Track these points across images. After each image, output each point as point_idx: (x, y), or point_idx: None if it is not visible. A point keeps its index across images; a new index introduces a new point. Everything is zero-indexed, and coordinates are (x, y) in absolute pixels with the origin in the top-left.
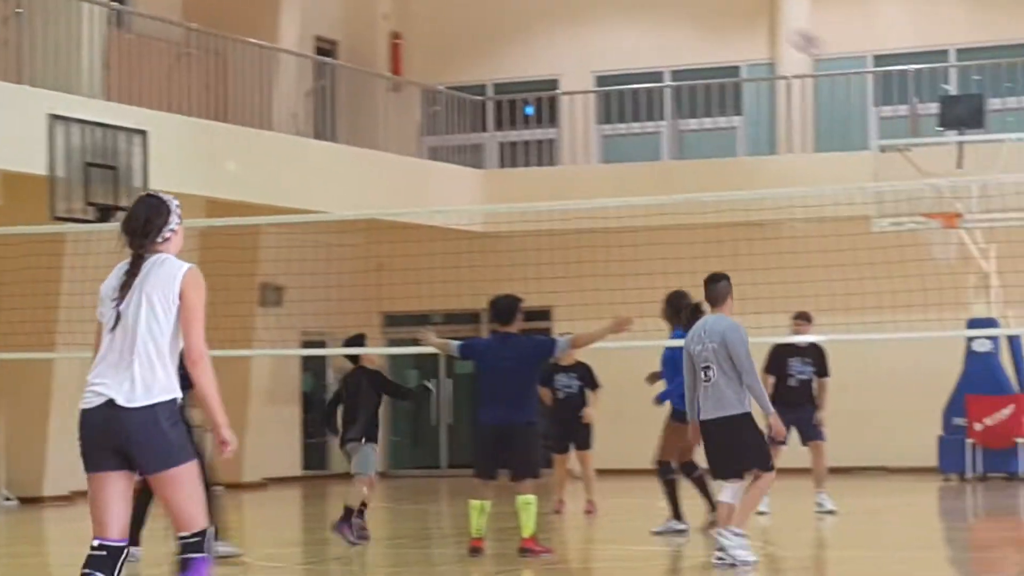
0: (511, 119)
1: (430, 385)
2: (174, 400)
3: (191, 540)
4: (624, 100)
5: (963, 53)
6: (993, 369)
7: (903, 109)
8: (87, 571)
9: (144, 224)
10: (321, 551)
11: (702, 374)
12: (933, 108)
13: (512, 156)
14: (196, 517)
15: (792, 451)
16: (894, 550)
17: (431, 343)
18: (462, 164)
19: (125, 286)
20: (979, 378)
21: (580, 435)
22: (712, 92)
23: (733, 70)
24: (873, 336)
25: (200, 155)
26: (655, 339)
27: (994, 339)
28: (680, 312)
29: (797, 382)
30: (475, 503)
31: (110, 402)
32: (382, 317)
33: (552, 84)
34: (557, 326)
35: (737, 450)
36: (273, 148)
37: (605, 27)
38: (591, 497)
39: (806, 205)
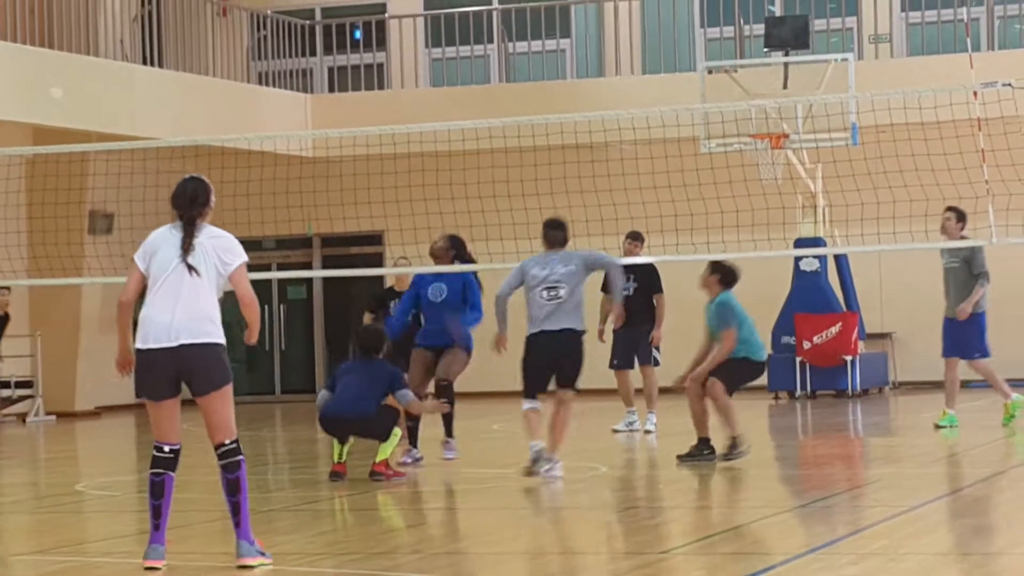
0: (340, 43)
1: None
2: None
3: (234, 445)
4: (453, 23)
5: None
6: (821, 288)
7: (729, 30)
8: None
9: (191, 200)
10: None
11: (545, 293)
12: (759, 29)
13: (341, 81)
14: (233, 427)
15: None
16: (725, 469)
17: None
18: (291, 89)
19: (187, 246)
20: (807, 297)
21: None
22: (540, 15)
23: None
24: (702, 257)
25: (26, 82)
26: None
27: (821, 258)
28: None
29: (621, 298)
30: None
31: (180, 344)
32: None
33: (380, 8)
34: (389, 250)
35: (581, 363)
36: (100, 74)
37: None
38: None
39: (635, 127)
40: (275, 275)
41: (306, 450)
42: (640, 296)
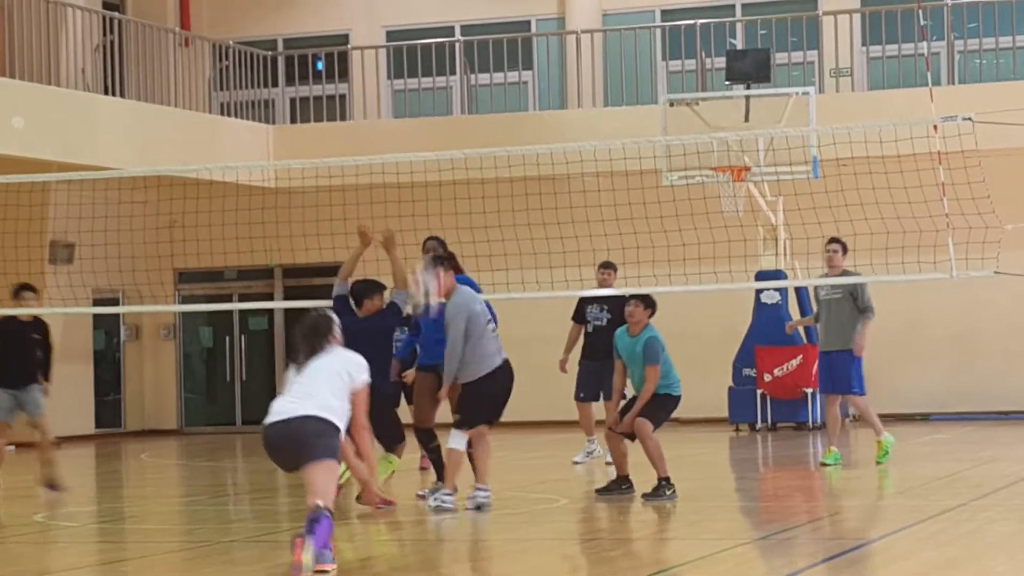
0: (302, 74)
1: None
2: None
3: (323, 509)
4: (415, 55)
5: (748, 8)
6: (781, 320)
7: (691, 63)
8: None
9: (318, 336)
10: (116, 509)
11: (492, 327)
12: (720, 62)
13: (303, 111)
14: (328, 495)
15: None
16: (685, 501)
17: None
18: (253, 120)
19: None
20: (768, 330)
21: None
22: (503, 47)
23: (523, 24)
24: (664, 289)
25: None
26: None
27: (782, 291)
28: None
29: (593, 328)
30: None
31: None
32: (175, 274)
33: (343, 39)
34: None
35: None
36: (61, 104)
37: None
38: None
39: (597, 159)
40: (236, 306)
41: (267, 481)
42: (612, 328)
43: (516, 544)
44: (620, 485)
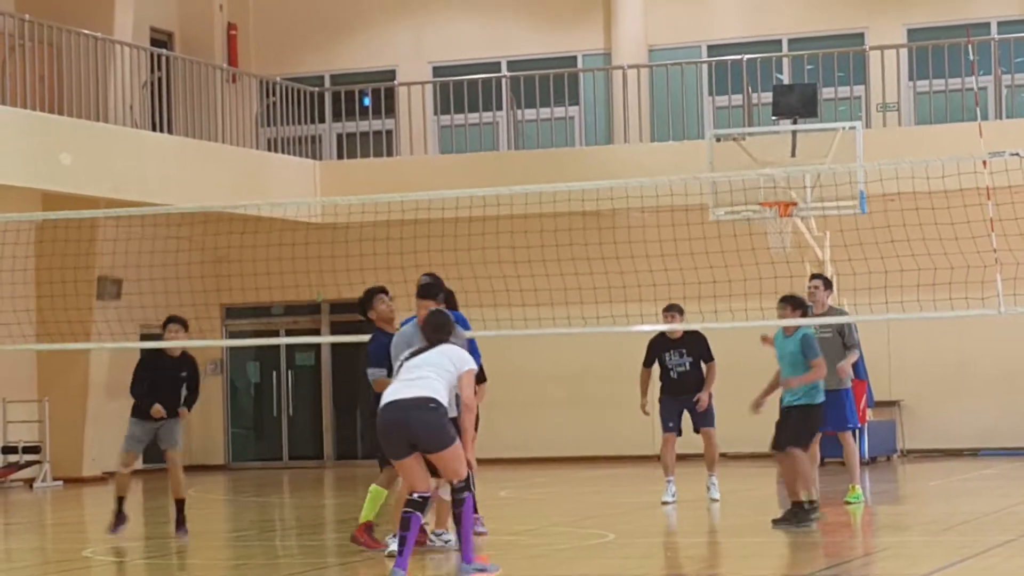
0: (349, 110)
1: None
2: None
3: (461, 485)
4: (462, 91)
5: (795, 43)
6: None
7: (737, 99)
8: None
9: (438, 330)
10: (163, 545)
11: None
12: (767, 97)
13: (350, 147)
14: (460, 471)
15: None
16: (736, 536)
17: None
18: (300, 155)
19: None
20: None
21: None
22: (549, 82)
23: (570, 60)
24: (711, 325)
25: (35, 147)
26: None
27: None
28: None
29: (677, 375)
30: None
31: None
32: (222, 309)
33: (389, 75)
34: (396, 316)
35: None
36: (109, 140)
37: (441, 18)
38: None
39: (643, 195)
40: (283, 340)
41: (314, 516)
42: (696, 370)
43: None
44: (799, 512)
